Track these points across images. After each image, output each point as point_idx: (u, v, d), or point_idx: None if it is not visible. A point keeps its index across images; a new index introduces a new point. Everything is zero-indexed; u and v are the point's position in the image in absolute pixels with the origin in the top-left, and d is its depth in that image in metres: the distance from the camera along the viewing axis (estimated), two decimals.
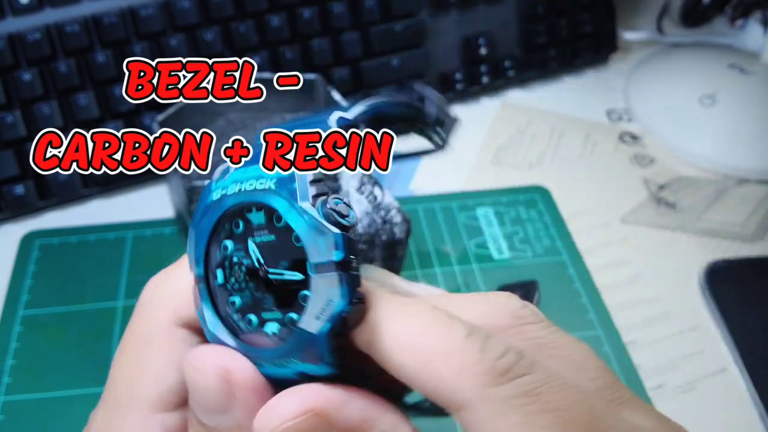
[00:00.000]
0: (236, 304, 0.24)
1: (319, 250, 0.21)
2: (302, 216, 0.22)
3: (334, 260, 0.21)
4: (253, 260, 0.23)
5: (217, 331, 0.24)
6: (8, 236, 0.57)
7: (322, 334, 0.21)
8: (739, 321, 0.51)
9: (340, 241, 0.21)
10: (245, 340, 0.23)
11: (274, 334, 0.23)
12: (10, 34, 0.56)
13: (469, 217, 0.59)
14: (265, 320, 0.23)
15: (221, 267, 0.24)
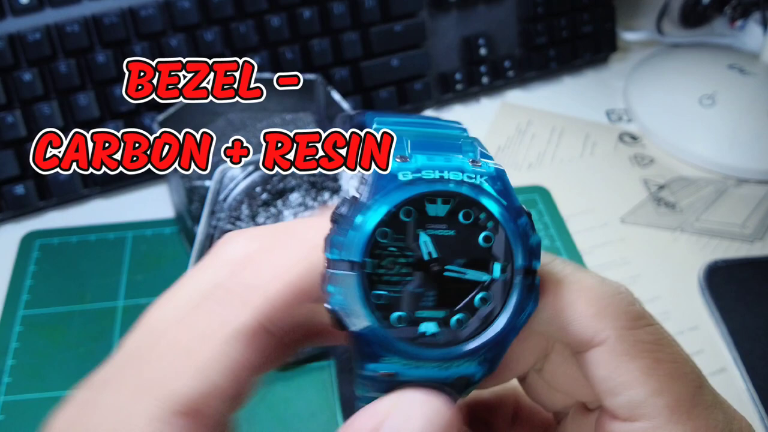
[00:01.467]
0: (382, 298, 0.22)
1: (524, 255, 0.22)
2: (517, 220, 0.22)
3: (533, 267, 0.22)
4: (423, 253, 0.22)
5: (373, 324, 0.21)
6: (8, 236, 0.57)
7: (511, 339, 0.22)
8: (738, 321, 0.51)
9: (540, 249, 0.22)
10: (398, 337, 0.22)
11: (433, 333, 0.22)
12: (10, 34, 0.57)
13: None
14: (418, 319, 0.22)
15: (371, 256, 0.22)
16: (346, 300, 0.21)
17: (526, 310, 0.22)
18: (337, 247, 0.21)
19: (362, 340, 0.22)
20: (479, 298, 0.22)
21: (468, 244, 0.22)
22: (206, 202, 0.47)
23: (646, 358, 0.23)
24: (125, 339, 0.22)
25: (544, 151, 0.66)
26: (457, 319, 0.22)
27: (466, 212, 0.22)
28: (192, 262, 0.47)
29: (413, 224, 0.22)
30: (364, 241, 0.21)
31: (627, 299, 0.24)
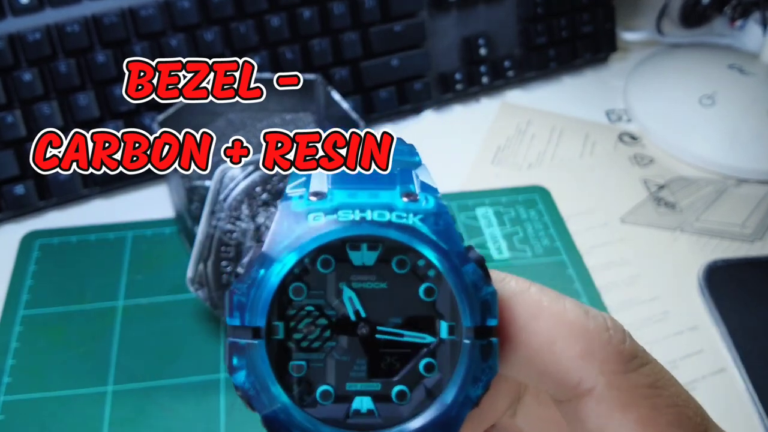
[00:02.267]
0: (302, 369, 0.18)
1: (473, 311, 0.18)
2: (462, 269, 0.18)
3: (488, 324, 0.18)
4: (349, 312, 0.18)
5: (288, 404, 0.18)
6: (8, 236, 0.57)
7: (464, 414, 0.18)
8: (738, 321, 0.51)
9: (496, 303, 0.18)
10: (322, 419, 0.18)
11: (369, 411, 0.18)
12: (10, 34, 0.57)
13: (468, 217, 0.59)
14: (349, 393, 0.18)
15: (282, 318, 0.18)
16: (253, 375, 0.18)
17: (481, 378, 0.18)
18: (239, 309, 0.18)
19: (276, 424, 0.18)
20: (423, 365, 0.18)
21: (405, 299, 0.18)
22: (206, 202, 0.47)
23: (643, 406, 0.19)
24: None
25: (543, 151, 0.66)
26: (398, 391, 0.18)
27: (399, 260, 0.18)
28: (192, 261, 0.47)
29: (334, 277, 0.18)
30: (269, 301, 0.18)
31: (618, 336, 0.20)
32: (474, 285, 0.18)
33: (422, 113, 0.70)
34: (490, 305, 0.18)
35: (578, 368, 0.19)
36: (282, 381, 0.18)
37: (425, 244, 0.18)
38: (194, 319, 0.51)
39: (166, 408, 0.46)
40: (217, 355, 0.49)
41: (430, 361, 0.18)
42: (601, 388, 0.19)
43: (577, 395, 0.20)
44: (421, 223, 0.18)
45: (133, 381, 0.47)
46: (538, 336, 0.20)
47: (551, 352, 0.19)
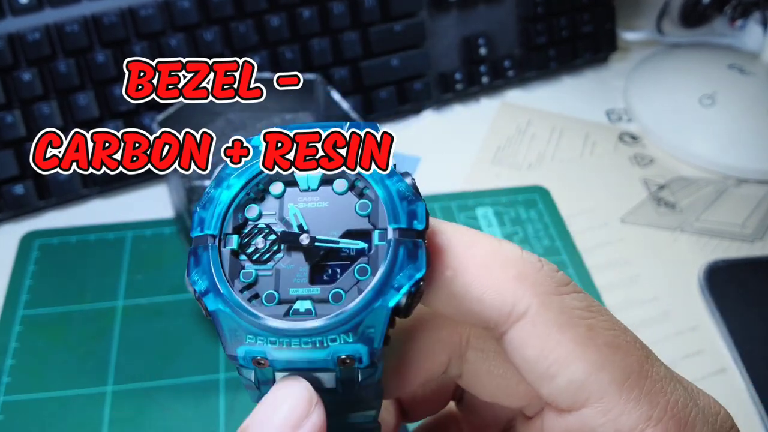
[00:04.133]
0: (251, 276, 0.21)
1: (402, 215, 0.20)
2: (387, 179, 0.20)
3: (418, 228, 0.20)
4: (293, 226, 0.21)
5: (231, 298, 0.20)
6: (8, 236, 0.57)
7: (388, 307, 0.19)
8: (738, 321, 0.51)
9: (424, 212, 0.20)
10: (261, 316, 0.20)
11: (307, 310, 0.20)
12: (10, 34, 0.56)
13: (468, 217, 0.59)
14: (292, 297, 0.20)
15: (236, 232, 0.21)
16: (206, 275, 0.20)
17: (405, 271, 0.19)
18: (199, 223, 0.21)
19: (223, 319, 0.20)
20: (357, 270, 0.20)
21: (343, 215, 0.21)
22: None
23: (580, 326, 0.20)
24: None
25: (544, 151, 0.66)
26: (334, 293, 0.20)
27: (339, 182, 0.21)
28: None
29: (284, 199, 0.21)
30: (222, 212, 0.21)
31: (550, 266, 0.21)
32: (399, 193, 0.20)
33: (422, 113, 0.70)
34: (416, 213, 0.20)
35: (512, 291, 0.20)
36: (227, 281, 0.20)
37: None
38: (194, 319, 0.51)
39: (166, 408, 0.46)
40: (216, 355, 0.49)
41: (363, 265, 0.20)
42: (535, 309, 0.20)
43: (512, 322, 0.20)
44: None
45: (133, 381, 0.47)
46: (475, 260, 0.20)
47: (486, 276, 0.20)
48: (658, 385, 0.19)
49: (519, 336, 0.20)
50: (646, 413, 0.19)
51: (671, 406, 0.19)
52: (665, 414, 0.19)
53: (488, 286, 0.20)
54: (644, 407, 0.19)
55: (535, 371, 0.20)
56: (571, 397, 0.19)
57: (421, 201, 0.20)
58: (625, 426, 0.19)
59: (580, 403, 0.19)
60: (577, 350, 0.19)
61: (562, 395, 0.20)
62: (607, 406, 0.19)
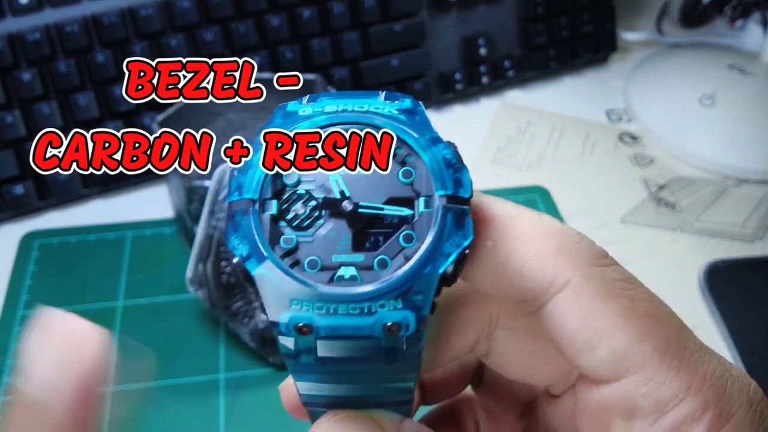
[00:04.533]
0: (293, 241, 0.20)
1: (449, 182, 0.20)
2: (434, 147, 0.20)
3: (465, 196, 0.20)
4: (335, 192, 0.20)
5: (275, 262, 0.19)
6: (8, 236, 0.57)
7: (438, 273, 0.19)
8: (738, 321, 0.51)
9: (469, 180, 0.20)
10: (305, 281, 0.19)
11: (352, 276, 0.19)
12: (10, 34, 0.56)
13: None
14: (335, 264, 0.20)
15: (276, 198, 0.20)
16: (246, 240, 0.19)
17: (453, 239, 0.19)
18: (237, 188, 0.20)
19: (267, 285, 0.19)
20: (403, 236, 0.20)
21: (386, 182, 0.20)
22: (206, 202, 0.47)
23: (622, 296, 0.20)
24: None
25: (544, 151, 0.66)
26: (379, 260, 0.20)
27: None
28: (191, 262, 0.47)
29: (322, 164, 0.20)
30: (261, 178, 0.20)
31: (589, 240, 0.21)
32: (445, 160, 0.20)
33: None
34: (462, 181, 0.20)
35: (553, 263, 0.20)
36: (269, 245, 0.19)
37: (403, 130, 0.20)
38: (194, 319, 0.51)
39: (166, 408, 0.46)
40: (216, 355, 0.49)
41: (409, 232, 0.19)
42: (578, 280, 0.20)
43: (553, 293, 0.20)
44: (400, 114, 0.20)
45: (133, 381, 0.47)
46: (516, 232, 0.20)
47: (527, 248, 0.20)
48: (696, 356, 0.20)
49: (560, 308, 0.20)
50: (686, 382, 0.19)
51: (709, 375, 0.20)
52: (704, 383, 0.19)
53: (529, 258, 0.20)
54: (684, 377, 0.19)
55: (576, 343, 0.20)
56: (612, 367, 0.19)
57: (466, 169, 0.20)
58: (666, 395, 0.19)
59: (621, 374, 0.20)
60: (620, 321, 0.19)
61: (603, 366, 0.20)
62: (648, 375, 0.19)
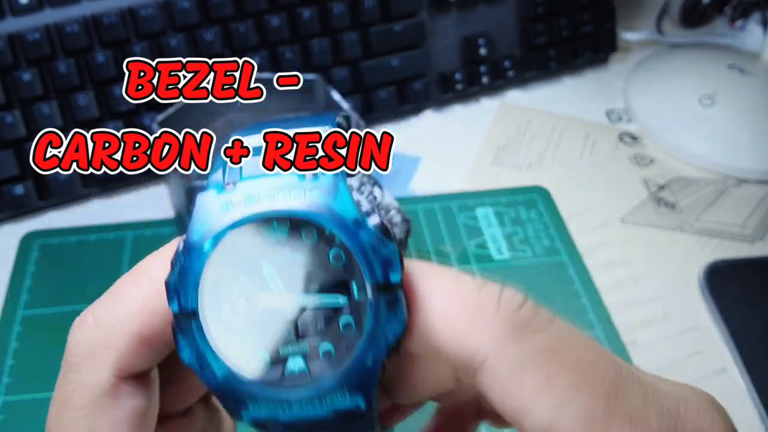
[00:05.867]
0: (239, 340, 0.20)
1: (377, 268, 0.19)
2: (359, 233, 0.19)
3: (391, 280, 0.19)
4: (270, 285, 0.20)
5: (228, 374, 0.20)
6: (8, 236, 0.57)
7: (379, 361, 0.19)
8: (738, 321, 0.51)
9: (397, 259, 0.19)
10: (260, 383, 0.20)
11: (301, 371, 0.20)
12: (10, 34, 0.56)
13: (468, 218, 0.59)
14: (283, 357, 0.20)
15: (215, 297, 0.20)
16: (195, 351, 0.20)
17: (389, 325, 0.19)
18: (175, 296, 0.20)
19: (222, 391, 0.20)
20: (342, 325, 0.20)
21: (317, 266, 0.20)
22: None
23: (539, 372, 0.19)
24: None
25: (544, 151, 0.66)
26: (324, 351, 0.20)
27: (307, 231, 0.20)
28: None
29: (253, 255, 0.20)
30: (196, 288, 0.20)
31: (510, 304, 0.20)
32: (371, 246, 0.19)
33: (422, 113, 0.70)
34: (392, 262, 0.19)
35: (469, 340, 0.19)
36: (217, 356, 0.20)
37: (320, 216, 0.19)
38: None
39: None
40: None
41: (347, 321, 0.19)
42: (492, 358, 0.19)
43: (476, 368, 0.19)
44: (319, 197, 0.19)
45: None
46: (433, 309, 0.20)
47: (445, 326, 0.20)
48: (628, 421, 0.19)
49: (484, 381, 0.19)
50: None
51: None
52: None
53: (448, 337, 0.20)
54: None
55: (506, 415, 0.19)
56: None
57: (392, 246, 0.19)
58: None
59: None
60: (537, 397, 0.19)
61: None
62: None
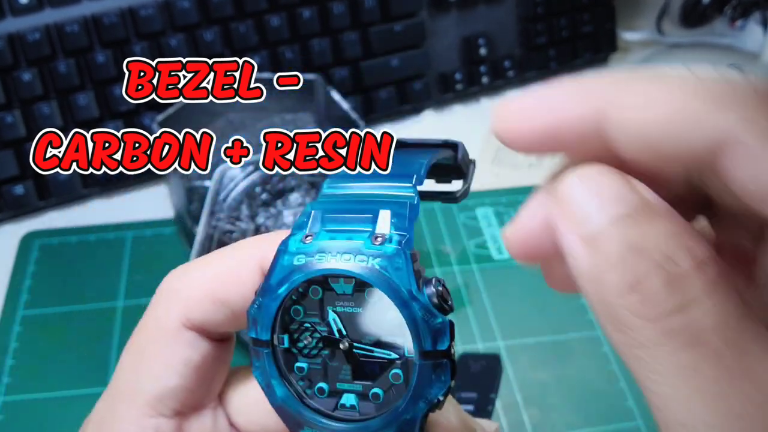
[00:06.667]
0: (304, 370, 0.23)
1: (426, 337, 0.21)
2: (412, 304, 0.21)
3: (440, 349, 0.21)
4: (333, 330, 0.22)
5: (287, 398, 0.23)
6: (8, 236, 0.57)
7: (419, 416, 0.21)
8: None
9: (447, 330, 0.21)
10: (315, 409, 0.23)
11: (352, 406, 0.23)
12: (10, 34, 0.56)
13: (468, 218, 0.59)
14: (339, 391, 0.23)
15: (287, 332, 0.23)
16: (264, 374, 0.23)
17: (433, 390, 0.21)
18: (253, 325, 0.23)
19: (282, 411, 0.23)
20: (391, 375, 0.22)
21: (375, 322, 0.22)
22: (206, 202, 0.47)
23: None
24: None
25: None
26: (373, 393, 0.22)
27: (369, 291, 0.22)
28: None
29: (322, 301, 0.22)
30: (270, 320, 0.22)
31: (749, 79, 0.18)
32: (422, 317, 0.21)
33: (422, 113, 0.70)
34: (442, 333, 0.21)
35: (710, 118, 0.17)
36: (288, 379, 0.23)
37: (381, 283, 0.21)
38: None
39: None
40: None
41: (397, 371, 0.22)
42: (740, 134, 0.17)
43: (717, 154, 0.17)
44: (379, 265, 0.21)
45: None
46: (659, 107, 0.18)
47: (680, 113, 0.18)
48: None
49: (727, 167, 0.17)
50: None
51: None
52: None
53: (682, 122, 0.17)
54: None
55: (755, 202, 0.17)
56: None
57: (443, 318, 0.21)
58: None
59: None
60: None
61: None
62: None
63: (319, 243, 0.22)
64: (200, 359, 0.24)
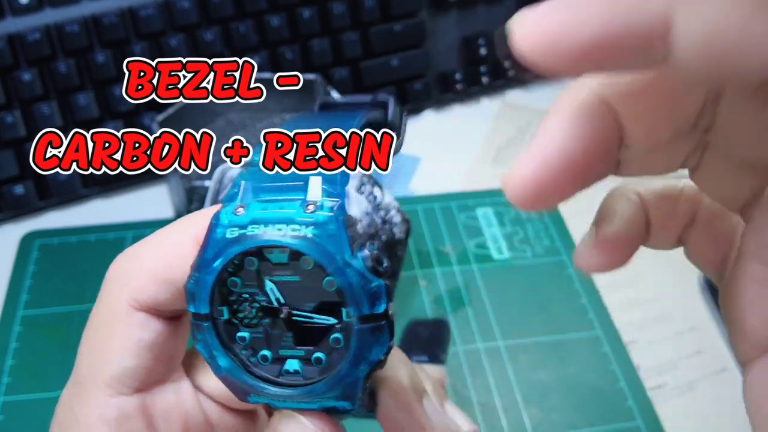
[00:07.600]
0: (246, 340, 0.23)
1: (363, 302, 0.21)
2: (346, 270, 0.21)
3: (377, 312, 0.21)
4: (272, 299, 0.23)
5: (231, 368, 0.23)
6: (8, 236, 0.57)
7: (361, 377, 0.22)
8: None
9: (383, 293, 0.22)
10: (260, 377, 0.23)
11: (296, 371, 0.23)
12: (10, 34, 0.56)
13: (468, 217, 0.59)
14: (282, 357, 0.23)
15: (226, 304, 0.23)
16: (206, 347, 0.23)
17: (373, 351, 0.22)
18: (192, 300, 0.23)
19: (228, 381, 0.23)
20: (332, 339, 0.22)
21: (313, 289, 0.22)
22: (206, 202, 0.47)
23: None
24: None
25: None
26: (316, 357, 0.23)
27: (304, 259, 0.22)
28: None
29: (259, 272, 0.22)
30: (208, 294, 0.23)
31: None
32: (358, 284, 0.21)
33: (422, 113, 0.70)
34: (378, 296, 0.21)
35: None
36: (231, 349, 0.23)
37: (314, 251, 0.21)
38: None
39: None
40: None
41: (337, 336, 0.22)
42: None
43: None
44: (312, 233, 0.21)
45: None
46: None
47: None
48: None
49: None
50: None
51: None
52: None
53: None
54: None
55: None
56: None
57: (379, 281, 0.22)
58: None
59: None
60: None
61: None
62: None
63: (251, 214, 0.22)
64: (154, 338, 0.24)
